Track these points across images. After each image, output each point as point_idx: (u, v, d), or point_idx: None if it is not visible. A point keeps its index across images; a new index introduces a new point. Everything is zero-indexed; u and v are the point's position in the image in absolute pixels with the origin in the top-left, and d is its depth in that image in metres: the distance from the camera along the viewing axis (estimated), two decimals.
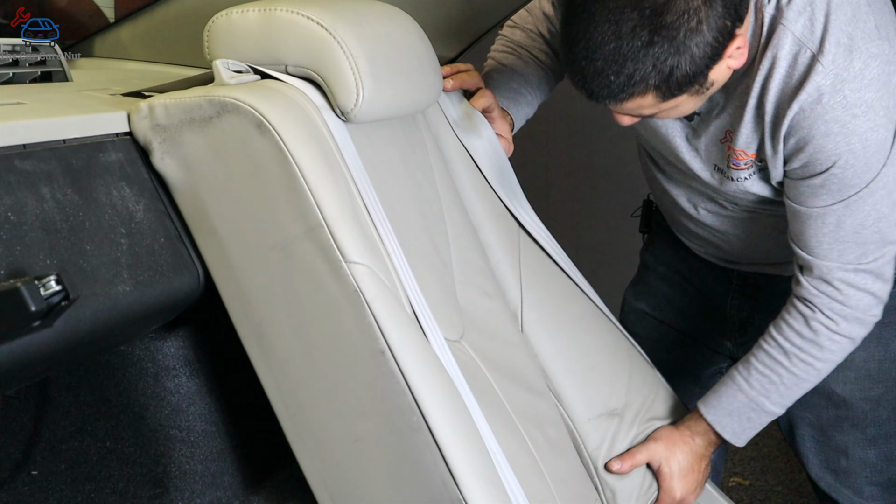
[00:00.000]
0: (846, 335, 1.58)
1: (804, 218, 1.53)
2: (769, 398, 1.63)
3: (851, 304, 1.55)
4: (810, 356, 1.59)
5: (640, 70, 1.32)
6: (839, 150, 1.44)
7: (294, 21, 1.28)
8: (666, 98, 1.39)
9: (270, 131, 1.21)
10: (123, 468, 1.48)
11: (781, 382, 1.61)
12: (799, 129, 1.45)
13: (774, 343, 1.61)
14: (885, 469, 1.87)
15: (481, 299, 1.52)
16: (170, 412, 1.49)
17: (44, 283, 1.01)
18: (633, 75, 1.33)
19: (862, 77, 1.41)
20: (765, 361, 1.62)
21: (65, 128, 1.19)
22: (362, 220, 1.26)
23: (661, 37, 1.31)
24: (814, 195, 1.50)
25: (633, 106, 1.40)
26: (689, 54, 1.33)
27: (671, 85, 1.36)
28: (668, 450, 1.67)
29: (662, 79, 1.34)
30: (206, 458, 1.50)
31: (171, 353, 1.49)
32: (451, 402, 1.26)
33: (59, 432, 1.49)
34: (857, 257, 1.53)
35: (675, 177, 1.76)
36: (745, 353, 1.67)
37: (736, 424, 1.66)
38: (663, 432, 1.68)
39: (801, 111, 1.43)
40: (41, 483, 1.49)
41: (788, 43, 1.43)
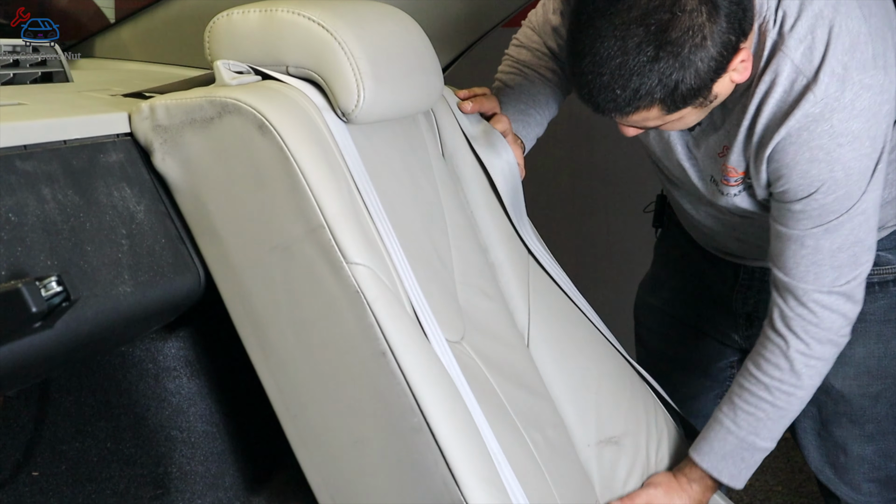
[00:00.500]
0: (820, 357, 1.59)
1: (784, 239, 1.55)
2: (759, 435, 1.63)
3: (825, 326, 1.57)
4: (791, 386, 1.60)
5: (646, 84, 1.35)
6: (822, 177, 1.47)
7: (295, 22, 1.28)
8: (671, 111, 1.41)
9: (272, 132, 1.21)
10: (124, 469, 1.48)
11: (767, 417, 1.62)
12: (784, 154, 1.48)
13: (754, 380, 1.62)
14: (882, 465, 1.87)
15: (482, 300, 1.52)
16: (170, 413, 1.49)
17: (45, 284, 1.01)
18: (638, 89, 1.35)
19: (852, 108, 1.44)
20: (748, 399, 1.62)
21: (66, 128, 1.19)
22: (363, 220, 1.26)
23: (667, 52, 1.33)
24: (794, 218, 1.53)
25: (639, 118, 1.42)
26: (694, 69, 1.35)
27: (676, 99, 1.38)
28: (666, 496, 1.67)
29: (667, 93, 1.36)
30: (207, 458, 1.50)
31: (172, 353, 1.49)
32: (452, 403, 1.26)
33: (60, 433, 1.49)
34: (831, 280, 1.55)
35: (678, 184, 1.79)
36: (754, 345, 1.67)
37: (732, 467, 1.66)
38: (662, 478, 1.68)
39: (788, 136, 1.46)
40: (42, 484, 1.48)
41: (787, 70, 1.45)
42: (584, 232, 3.65)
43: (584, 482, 1.58)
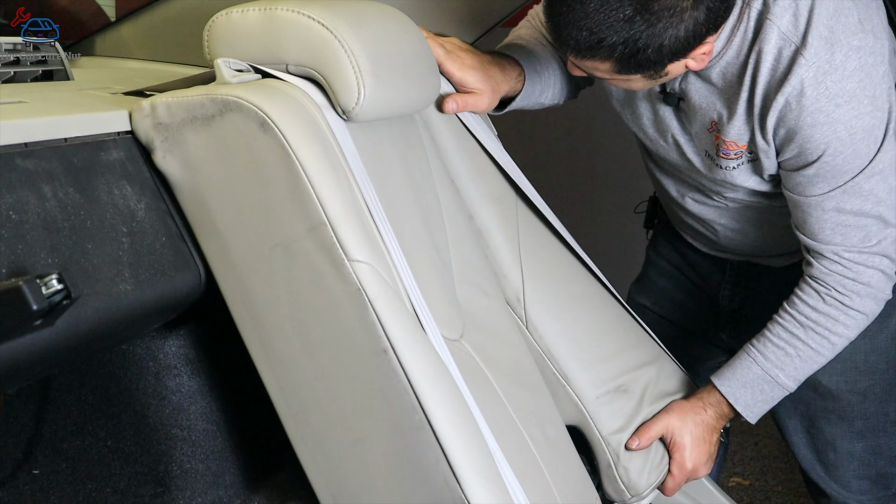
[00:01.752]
0: (860, 310, 1.61)
1: (804, 207, 1.57)
2: (784, 370, 1.65)
3: (864, 280, 1.59)
4: (826, 329, 1.62)
5: (610, 39, 1.38)
6: (827, 139, 1.49)
7: (295, 20, 1.28)
8: (621, 72, 1.45)
9: (273, 130, 1.21)
10: (125, 467, 1.48)
11: (797, 355, 1.64)
12: (786, 121, 1.50)
13: (790, 317, 1.63)
14: (872, 462, 1.88)
15: (480, 298, 1.52)
16: (171, 411, 1.49)
17: (45, 282, 1.01)
18: (602, 40, 1.38)
19: (843, 68, 1.46)
20: (780, 334, 1.64)
21: (66, 126, 1.19)
22: (364, 218, 1.26)
23: (643, 19, 1.36)
24: (810, 184, 1.55)
25: (590, 65, 1.46)
26: (659, 44, 1.39)
27: (631, 63, 1.42)
28: (680, 420, 1.68)
29: (626, 55, 1.40)
30: (208, 456, 1.50)
31: (173, 351, 1.49)
32: (453, 401, 1.26)
33: (61, 431, 1.49)
34: (860, 240, 1.57)
35: (665, 167, 1.80)
36: (741, 346, 1.69)
37: (749, 396, 1.67)
38: (675, 405, 1.70)
39: (787, 104, 1.48)
40: (42, 482, 1.48)
41: (774, 37, 1.48)
42: (581, 232, 3.64)
43: (584, 479, 1.58)
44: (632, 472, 1.65)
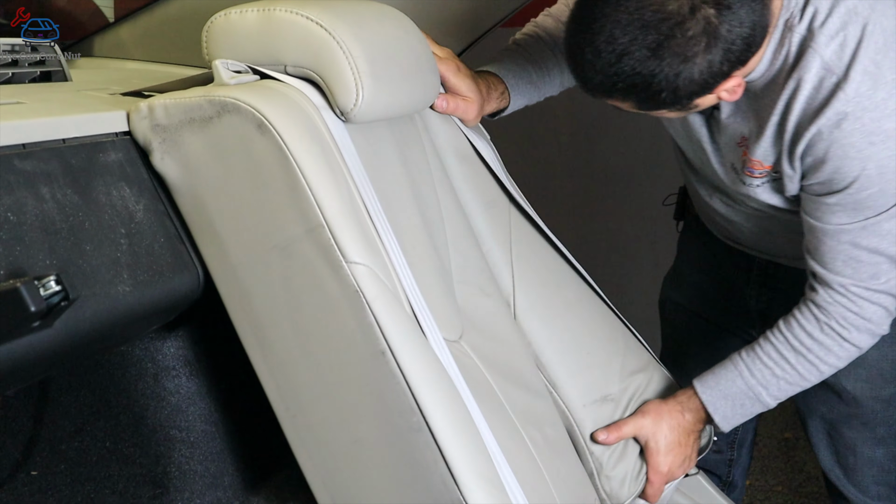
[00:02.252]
0: (856, 344, 1.59)
1: (819, 234, 1.55)
2: (767, 389, 1.63)
3: (866, 316, 1.57)
4: (817, 358, 1.60)
5: (622, 84, 1.37)
6: (855, 173, 1.46)
7: (293, 21, 1.28)
8: (643, 109, 1.44)
9: (271, 131, 1.21)
10: (123, 468, 1.48)
11: (784, 377, 1.62)
12: (815, 150, 1.48)
13: (783, 339, 1.62)
14: (892, 469, 1.87)
15: (480, 299, 1.52)
16: (170, 412, 1.49)
17: (43, 284, 1.01)
18: (615, 85, 1.37)
19: (885, 107, 1.43)
20: (770, 354, 1.62)
21: (64, 127, 1.19)
22: (362, 220, 1.26)
23: (654, 64, 1.35)
24: (830, 212, 1.52)
25: (613, 104, 1.45)
26: (674, 87, 1.37)
27: (650, 103, 1.41)
28: (655, 424, 1.67)
29: (642, 97, 1.39)
30: (206, 458, 1.50)
31: (171, 353, 1.49)
32: (452, 402, 1.26)
33: (59, 432, 1.49)
34: (869, 277, 1.55)
35: (696, 168, 1.79)
36: None
37: (728, 409, 1.66)
38: (651, 406, 1.68)
39: (819, 133, 1.46)
40: (41, 483, 1.48)
41: (816, 67, 1.45)
42: (582, 232, 3.65)
43: (583, 480, 1.58)
44: (614, 480, 1.64)
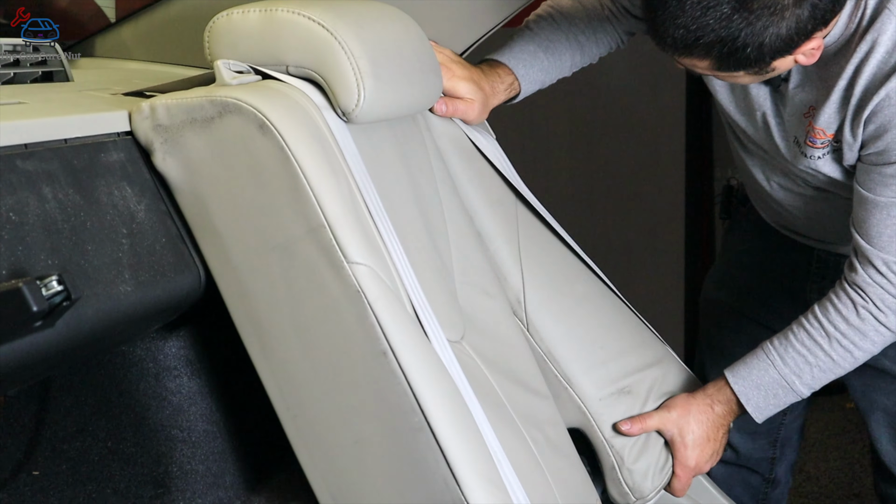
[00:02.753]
0: (891, 328, 1.57)
1: (870, 206, 1.53)
2: (801, 378, 1.61)
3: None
4: (852, 343, 1.58)
5: (708, 37, 1.34)
6: None
7: (295, 21, 1.28)
8: (722, 69, 1.41)
9: (272, 131, 1.21)
10: (125, 468, 1.48)
11: (817, 364, 1.60)
12: (880, 116, 1.46)
13: (818, 324, 1.60)
14: None
15: (482, 299, 1.52)
16: (171, 412, 1.48)
17: (45, 284, 1.01)
18: (699, 38, 1.35)
19: None
20: (804, 341, 1.60)
21: (66, 127, 1.19)
22: (364, 220, 1.26)
23: (741, 17, 1.33)
24: (884, 184, 1.50)
25: (689, 63, 1.42)
26: (759, 42, 1.35)
27: (730, 61, 1.38)
28: (682, 418, 1.65)
29: (725, 53, 1.36)
30: (208, 458, 1.50)
31: (173, 353, 1.49)
32: (453, 402, 1.26)
33: (61, 432, 1.49)
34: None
35: (753, 150, 1.76)
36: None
37: (761, 399, 1.64)
38: (678, 401, 1.67)
39: (888, 97, 1.44)
40: (42, 483, 1.48)
41: (892, 29, 1.43)
42: (582, 232, 3.64)
43: (585, 481, 1.58)
44: (636, 474, 1.64)
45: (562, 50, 1.75)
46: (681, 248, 3.68)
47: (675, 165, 3.58)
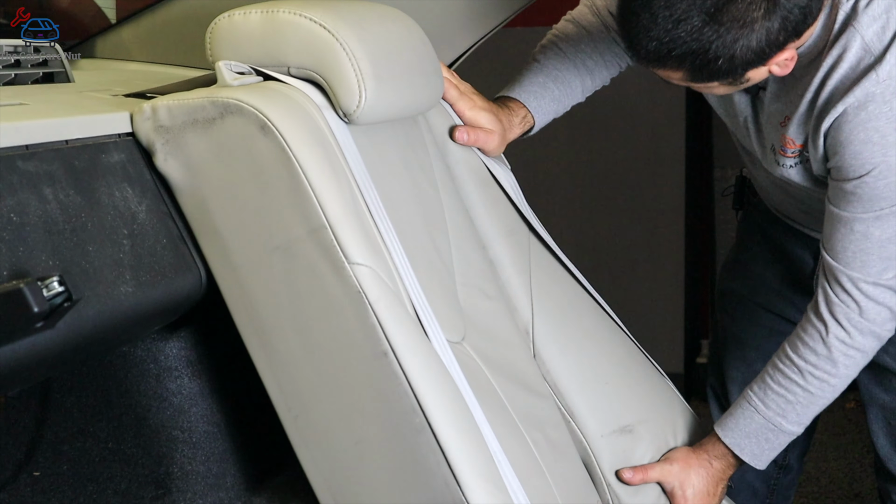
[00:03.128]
0: (860, 349, 1.57)
1: (835, 220, 1.53)
2: (786, 418, 1.61)
3: (868, 317, 1.55)
4: (825, 373, 1.58)
5: (679, 49, 1.35)
6: (875, 160, 1.45)
7: (296, 23, 1.29)
8: (695, 80, 1.42)
9: (273, 132, 1.21)
10: (125, 469, 1.48)
11: (797, 401, 1.60)
12: (839, 131, 1.47)
13: (789, 361, 1.60)
14: None
15: (482, 301, 1.52)
16: (172, 413, 1.48)
17: (46, 284, 1.01)
18: (671, 50, 1.36)
19: None
20: (780, 381, 1.60)
21: (67, 128, 1.19)
22: (365, 221, 1.26)
23: (712, 30, 1.34)
24: (846, 199, 1.51)
25: (663, 74, 1.43)
26: (731, 54, 1.36)
27: (703, 73, 1.39)
28: (683, 472, 1.64)
29: (696, 65, 1.37)
30: (209, 459, 1.50)
31: (174, 354, 1.49)
32: (454, 403, 1.26)
33: (61, 433, 1.49)
34: (878, 272, 1.53)
35: (743, 146, 1.78)
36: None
37: (755, 446, 1.64)
38: (680, 454, 1.66)
39: (845, 113, 1.45)
40: (43, 484, 1.48)
41: (856, 46, 1.44)
42: (584, 232, 3.65)
43: (586, 482, 1.58)
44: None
45: (571, 77, 1.76)
46: (681, 248, 3.68)
47: (675, 165, 3.59)
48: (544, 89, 1.74)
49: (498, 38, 1.89)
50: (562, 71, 1.75)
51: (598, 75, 1.79)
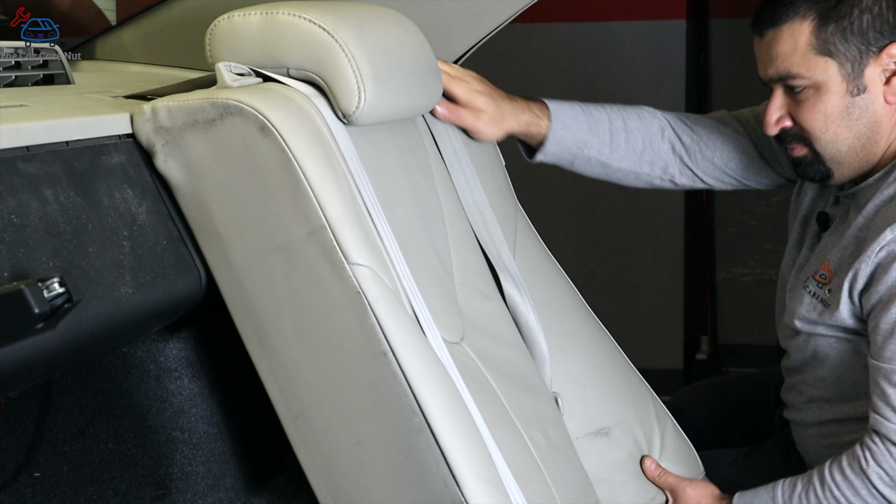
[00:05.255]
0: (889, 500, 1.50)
1: (875, 374, 1.49)
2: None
3: None
4: (842, 496, 1.52)
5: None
6: None
7: (296, 24, 1.29)
8: (819, 40, 1.46)
9: (273, 133, 1.21)
10: (125, 470, 1.48)
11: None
12: None
13: (818, 471, 1.55)
14: None
15: (481, 301, 1.52)
16: (172, 414, 1.49)
17: (47, 286, 1.01)
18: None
19: None
20: (806, 486, 1.55)
21: (68, 130, 1.19)
22: (364, 221, 1.26)
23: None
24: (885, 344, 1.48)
25: (786, 40, 1.47)
26: (855, 14, 1.44)
27: (829, 24, 1.45)
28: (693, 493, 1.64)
29: (823, 8, 1.44)
30: (209, 459, 1.50)
31: (174, 354, 1.49)
32: (453, 403, 1.26)
33: (62, 434, 1.49)
34: None
35: None
36: None
37: None
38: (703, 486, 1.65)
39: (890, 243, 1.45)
40: (43, 485, 1.49)
41: None
42: (583, 229, 3.65)
43: (585, 482, 1.58)
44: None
45: (600, 117, 1.73)
46: (680, 245, 3.68)
47: None
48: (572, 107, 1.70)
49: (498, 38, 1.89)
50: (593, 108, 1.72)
51: (632, 140, 1.75)
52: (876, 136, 1.52)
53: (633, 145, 1.75)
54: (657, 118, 1.77)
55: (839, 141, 1.52)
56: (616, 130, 1.74)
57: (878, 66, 1.48)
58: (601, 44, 3.50)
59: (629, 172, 1.76)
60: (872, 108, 1.50)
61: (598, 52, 3.51)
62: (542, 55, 3.51)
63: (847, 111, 1.50)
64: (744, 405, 2.00)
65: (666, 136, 1.77)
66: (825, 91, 1.49)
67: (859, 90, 1.49)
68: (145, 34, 1.87)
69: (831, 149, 1.53)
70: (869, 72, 1.48)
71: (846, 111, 1.50)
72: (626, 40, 3.49)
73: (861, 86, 1.49)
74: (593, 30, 3.51)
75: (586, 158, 1.72)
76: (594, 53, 3.51)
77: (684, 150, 1.78)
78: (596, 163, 1.73)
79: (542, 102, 1.69)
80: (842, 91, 1.49)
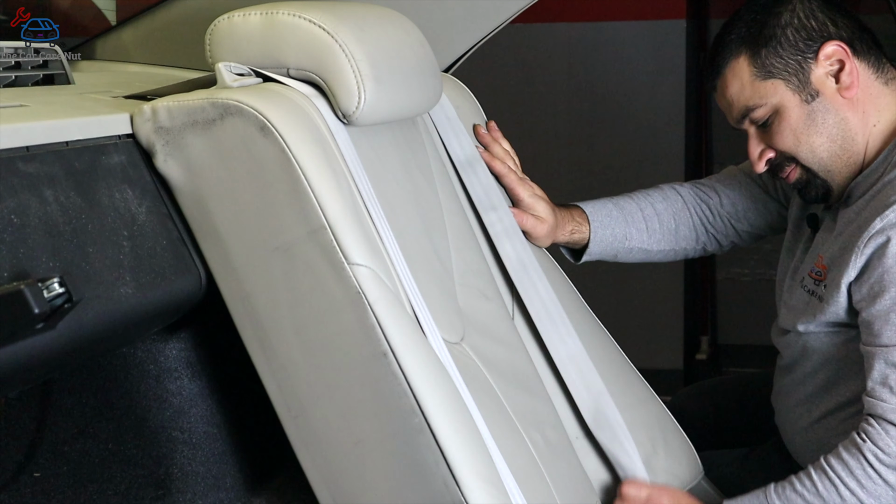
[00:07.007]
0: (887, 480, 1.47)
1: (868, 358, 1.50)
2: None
3: None
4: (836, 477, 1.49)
5: (734, 34, 1.54)
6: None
7: (296, 24, 1.29)
8: (757, 66, 1.53)
9: (273, 134, 1.21)
10: (125, 470, 1.48)
11: None
12: None
13: (813, 464, 1.53)
14: None
15: (481, 301, 1.52)
16: (172, 414, 1.49)
17: (47, 286, 1.01)
18: (729, 33, 1.54)
19: None
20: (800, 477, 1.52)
21: (68, 130, 1.19)
22: (364, 222, 1.26)
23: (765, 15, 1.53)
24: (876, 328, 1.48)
25: (730, 79, 1.55)
26: (779, 32, 1.51)
27: (759, 42, 1.52)
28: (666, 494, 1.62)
29: (751, 37, 1.52)
30: (208, 459, 1.50)
31: (173, 355, 1.49)
32: (453, 403, 1.26)
33: (62, 434, 1.49)
34: None
35: None
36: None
37: None
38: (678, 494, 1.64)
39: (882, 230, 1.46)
40: (43, 485, 1.49)
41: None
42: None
43: (584, 482, 1.58)
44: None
45: (632, 208, 1.81)
46: None
47: (674, 165, 3.58)
48: (604, 206, 1.79)
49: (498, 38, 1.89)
50: (623, 199, 1.81)
51: (664, 220, 1.83)
52: (850, 132, 1.56)
53: (667, 226, 1.84)
54: (678, 194, 1.86)
55: (816, 149, 1.56)
56: (649, 216, 1.83)
57: (820, 69, 1.53)
58: (601, 44, 3.50)
59: (668, 251, 1.86)
60: (833, 107, 1.54)
61: (598, 52, 3.51)
62: (542, 55, 3.51)
63: (810, 118, 1.55)
64: (744, 405, 2.00)
65: (692, 210, 1.86)
66: (784, 109, 1.55)
67: (813, 96, 1.54)
68: (145, 34, 1.87)
69: (813, 159, 1.57)
70: (815, 77, 1.53)
71: (809, 119, 1.55)
72: (626, 40, 3.49)
73: (813, 91, 1.53)
74: (593, 30, 3.51)
75: (628, 250, 1.82)
76: (594, 53, 3.51)
77: (709, 220, 1.86)
78: (638, 251, 1.83)
79: (579, 208, 1.78)
80: (797, 102, 1.54)
